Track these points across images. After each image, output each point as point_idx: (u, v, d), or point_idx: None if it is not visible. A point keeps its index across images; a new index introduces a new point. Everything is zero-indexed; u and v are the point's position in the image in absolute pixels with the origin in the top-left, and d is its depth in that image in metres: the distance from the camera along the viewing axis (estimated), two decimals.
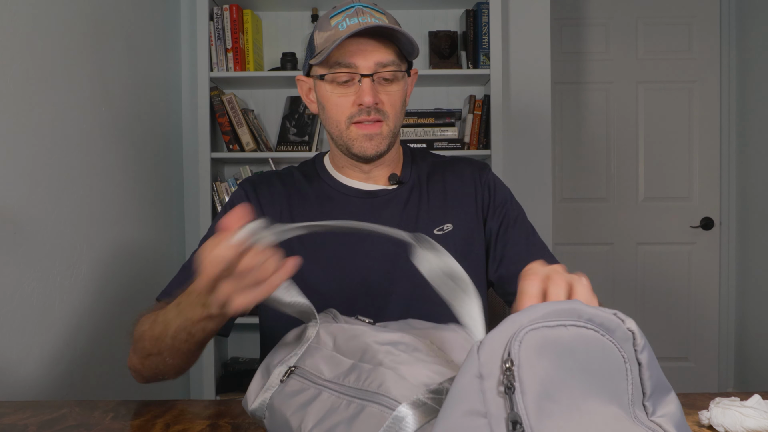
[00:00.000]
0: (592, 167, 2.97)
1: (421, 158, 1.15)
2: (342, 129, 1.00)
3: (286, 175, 1.12)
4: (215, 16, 2.34)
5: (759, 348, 2.73)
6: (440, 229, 1.06)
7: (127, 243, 1.89)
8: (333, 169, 1.11)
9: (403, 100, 1.03)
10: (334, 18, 0.97)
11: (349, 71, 0.97)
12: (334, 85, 0.99)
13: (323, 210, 1.06)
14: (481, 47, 2.38)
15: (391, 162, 1.08)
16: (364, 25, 0.93)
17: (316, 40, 1.00)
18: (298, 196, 1.09)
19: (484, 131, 2.41)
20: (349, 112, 0.99)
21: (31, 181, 1.38)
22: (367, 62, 0.96)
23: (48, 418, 0.84)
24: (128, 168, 1.90)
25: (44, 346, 1.43)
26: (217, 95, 2.35)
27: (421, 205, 1.07)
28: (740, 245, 2.89)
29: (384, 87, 0.99)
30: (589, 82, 2.94)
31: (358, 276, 1.03)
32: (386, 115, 1.00)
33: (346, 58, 0.96)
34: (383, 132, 1.00)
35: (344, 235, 1.03)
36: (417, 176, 1.10)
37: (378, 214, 1.05)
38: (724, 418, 0.73)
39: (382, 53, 0.97)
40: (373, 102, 0.96)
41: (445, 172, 1.12)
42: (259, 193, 1.08)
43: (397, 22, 1.01)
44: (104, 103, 1.74)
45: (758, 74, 2.72)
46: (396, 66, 0.99)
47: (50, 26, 1.47)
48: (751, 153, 2.78)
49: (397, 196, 1.07)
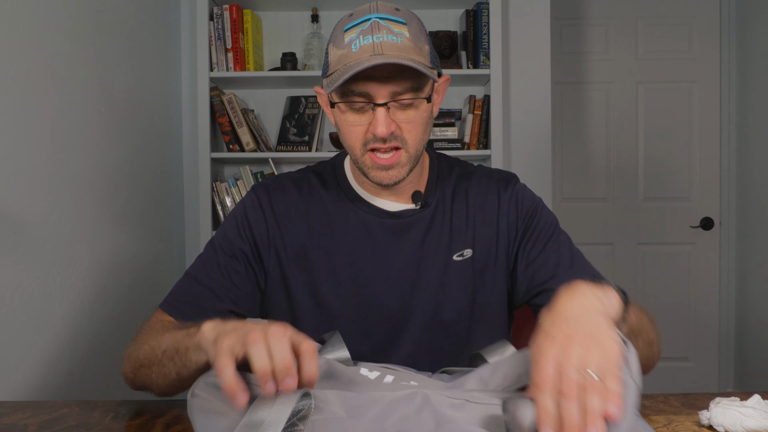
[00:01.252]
0: (592, 167, 2.97)
1: (447, 170, 1.07)
2: (357, 155, 0.94)
3: (302, 179, 1.06)
4: (215, 16, 2.34)
5: (759, 348, 2.73)
6: (460, 254, 1.01)
7: (127, 242, 1.89)
8: (354, 179, 1.04)
9: (427, 120, 0.94)
10: (349, 33, 0.89)
11: (363, 99, 0.89)
12: (347, 113, 0.92)
13: (341, 225, 1.01)
14: (481, 47, 2.38)
15: (414, 179, 1.01)
16: (377, 49, 0.85)
17: (329, 56, 0.92)
18: (316, 208, 1.02)
19: (484, 131, 2.41)
20: (363, 139, 0.92)
21: (31, 181, 1.38)
22: (381, 91, 0.88)
23: (48, 418, 0.84)
24: (128, 168, 1.90)
25: (44, 346, 1.43)
26: (217, 95, 2.35)
27: (443, 230, 1.01)
28: (740, 245, 2.89)
29: (402, 112, 0.91)
30: (589, 82, 2.94)
31: (376, 302, 1.00)
32: (405, 141, 0.92)
33: (359, 85, 0.88)
34: (401, 160, 0.92)
35: (365, 260, 0.99)
36: (441, 195, 1.04)
37: (400, 237, 1.00)
38: (724, 418, 0.73)
39: (398, 81, 0.88)
40: (387, 133, 0.89)
41: (470, 188, 1.05)
42: (273, 201, 1.02)
43: (422, 27, 0.93)
44: (104, 103, 1.74)
45: (758, 74, 2.72)
46: (414, 93, 0.90)
47: (50, 26, 1.47)
48: (751, 153, 2.78)
49: (421, 219, 1.01)
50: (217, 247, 1.01)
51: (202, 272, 1.00)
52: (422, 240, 1.00)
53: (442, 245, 1.01)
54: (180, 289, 1.00)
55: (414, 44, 0.88)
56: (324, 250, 1.00)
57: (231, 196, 2.39)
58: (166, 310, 0.98)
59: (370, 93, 0.88)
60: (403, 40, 0.87)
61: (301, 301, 1.01)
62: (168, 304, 0.99)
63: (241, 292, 0.99)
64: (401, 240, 1.00)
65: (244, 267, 1.00)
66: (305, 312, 1.01)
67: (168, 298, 1.00)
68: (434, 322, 1.00)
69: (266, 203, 1.02)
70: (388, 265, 0.99)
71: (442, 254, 1.00)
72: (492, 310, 1.03)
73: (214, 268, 0.99)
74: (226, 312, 0.98)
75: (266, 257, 1.01)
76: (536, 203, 1.05)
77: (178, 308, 0.97)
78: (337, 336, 0.79)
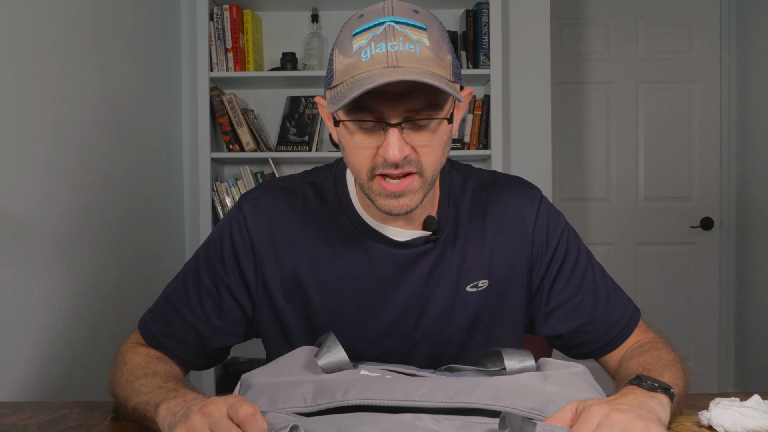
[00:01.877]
0: (592, 167, 2.97)
1: (461, 187, 0.95)
2: (364, 180, 0.81)
3: (296, 192, 0.94)
4: (215, 16, 2.34)
5: (759, 348, 2.73)
6: (474, 285, 0.92)
7: (127, 243, 1.89)
8: (358, 201, 0.91)
9: (446, 142, 0.81)
10: (358, 38, 0.75)
11: (373, 118, 0.76)
12: (354, 133, 0.79)
13: (341, 255, 0.91)
14: (481, 47, 2.38)
15: (426, 202, 0.89)
16: (392, 61, 0.73)
17: (334, 63, 0.78)
18: (312, 229, 0.92)
19: (484, 131, 2.41)
20: (371, 164, 0.79)
21: (31, 181, 1.38)
22: (394, 110, 0.75)
23: (48, 418, 0.84)
24: (128, 168, 1.90)
25: (44, 346, 1.43)
26: (217, 95, 2.35)
27: (455, 259, 0.91)
28: (740, 245, 2.89)
29: (418, 133, 0.78)
30: (589, 82, 2.94)
31: (378, 335, 0.92)
32: (420, 166, 0.79)
33: (368, 102, 0.75)
34: (414, 186, 0.80)
35: (368, 292, 0.91)
36: (455, 217, 0.93)
37: (407, 268, 0.90)
38: (724, 419, 0.73)
39: (415, 97, 0.75)
40: (401, 158, 0.76)
41: (488, 207, 0.94)
42: (260, 223, 0.91)
43: (444, 33, 0.79)
44: (104, 103, 1.74)
45: (758, 74, 2.72)
46: (433, 110, 0.77)
47: (50, 26, 1.47)
48: (751, 153, 2.78)
49: (432, 248, 0.91)
50: (202, 268, 0.94)
51: (181, 298, 0.93)
52: (433, 271, 0.91)
53: (453, 277, 0.91)
54: (157, 313, 0.94)
55: (435, 54, 0.75)
56: (321, 281, 0.91)
57: (231, 196, 2.39)
58: (142, 333, 0.94)
59: (381, 111, 0.76)
60: (422, 50, 0.74)
61: (296, 334, 0.93)
62: (145, 327, 0.94)
63: (221, 324, 0.93)
64: (409, 271, 0.90)
65: (228, 300, 0.92)
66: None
67: (145, 319, 0.95)
68: (440, 357, 0.94)
69: (253, 224, 0.91)
70: (393, 298, 0.91)
71: (453, 286, 0.91)
72: (507, 342, 0.96)
73: (194, 297, 0.93)
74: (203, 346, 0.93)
75: (254, 289, 0.93)
76: (562, 228, 0.96)
77: (155, 338, 0.93)
78: (332, 338, 0.77)
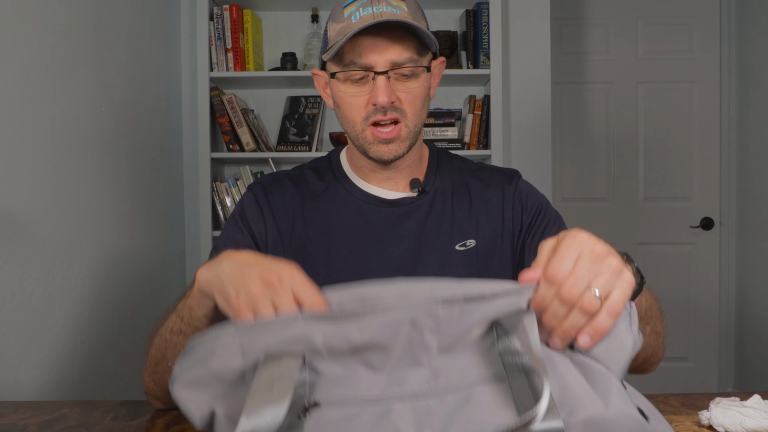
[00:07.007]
0: (592, 167, 2.97)
1: (448, 163, 1.07)
2: (358, 131, 0.95)
3: (298, 176, 1.06)
4: (215, 16, 2.34)
5: (759, 348, 2.73)
6: (462, 244, 0.99)
7: (127, 242, 1.89)
8: (351, 169, 1.04)
9: (425, 95, 0.96)
10: (348, 7, 0.91)
11: (363, 69, 0.91)
12: (347, 84, 0.93)
13: (338, 217, 1.00)
14: (481, 47, 2.38)
15: (413, 164, 1.02)
16: (378, 18, 0.87)
17: (329, 32, 0.94)
18: (313, 201, 1.02)
19: (484, 131, 2.41)
20: (364, 112, 0.93)
21: (31, 181, 1.38)
22: (381, 59, 0.90)
23: (48, 418, 0.84)
24: (128, 168, 1.90)
25: (44, 346, 1.43)
26: (217, 95, 2.35)
27: (444, 218, 1.00)
28: (740, 245, 2.89)
29: (402, 83, 0.92)
30: (589, 82, 2.94)
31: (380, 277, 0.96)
32: (404, 114, 0.93)
33: (358, 55, 0.90)
34: (401, 135, 0.94)
35: (363, 249, 0.98)
36: (441, 185, 1.03)
37: (397, 225, 0.99)
38: (724, 418, 0.73)
39: (399, 48, 0.90)
40: (388, 101, 0.90)
41: (472, 181, 1.04)
42: (269, 198, 1.02)
43: (419, 8, 0.95)
44: (104, 103, 1.74)
45: (758, 74, 2.72)
46: (414, 62, 0.91)
47: (50, 26, 1.47)
48: (751, 153, 2.78)
49: (419, 207, 1.00)
50: (221, 246, 1.00)
51: None
52: (421, 228, 0.99)
53: (442, 234, 0.99)
54: None
55: (413, 17, 0.91)
56: (321, 243, 0.99)
57: (231, 196, 2.39)
58: None
59: (369, 61, 0.90)
60: (402, 13, 0.90)
61: None
62: None
63: None
64: (399, 228, 0.99)
65: None
66: None
67: None
68: None
69: (263, 200, 1.02)
70: (386, 254, 0.98)
71: (443, 243, 0.99)
72: None
73: None
74: None
75: (264, 252, 1.00)
76: (541, 199, 1.05)
77: None
78: None
